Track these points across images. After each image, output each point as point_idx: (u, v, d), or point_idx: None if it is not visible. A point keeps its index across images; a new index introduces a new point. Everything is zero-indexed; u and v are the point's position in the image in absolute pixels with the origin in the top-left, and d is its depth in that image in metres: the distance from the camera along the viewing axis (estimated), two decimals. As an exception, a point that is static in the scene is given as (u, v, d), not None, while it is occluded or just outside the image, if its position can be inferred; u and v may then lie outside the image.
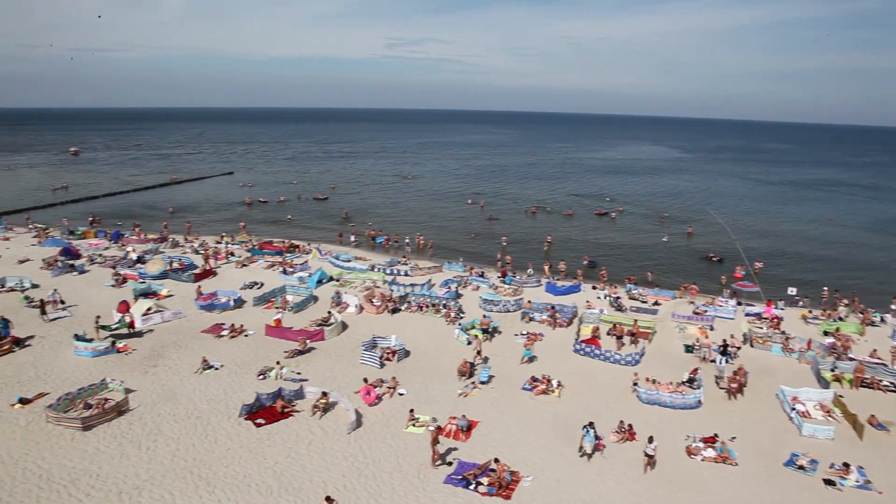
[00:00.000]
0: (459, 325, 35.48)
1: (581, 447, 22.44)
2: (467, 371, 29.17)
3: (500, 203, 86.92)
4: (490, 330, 34.75)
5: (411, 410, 24.99)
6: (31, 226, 64.05)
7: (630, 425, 24.05)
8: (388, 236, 60.68)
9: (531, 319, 37.38)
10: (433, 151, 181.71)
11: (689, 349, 33.08)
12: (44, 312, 35.88)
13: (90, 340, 31.34)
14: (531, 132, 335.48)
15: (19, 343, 31.63)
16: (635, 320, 35.81)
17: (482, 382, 28.46)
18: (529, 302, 39.31)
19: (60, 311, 36.72)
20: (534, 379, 28.65)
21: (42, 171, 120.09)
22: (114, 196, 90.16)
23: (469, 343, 32.99)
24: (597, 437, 22.60)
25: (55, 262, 47.22)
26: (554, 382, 28.18)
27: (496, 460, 21.15)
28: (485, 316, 36.38)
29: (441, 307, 38.74)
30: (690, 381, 28.50)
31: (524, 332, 35.07)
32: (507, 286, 44.23)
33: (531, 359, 31.15)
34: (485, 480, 20.68)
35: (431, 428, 24.01)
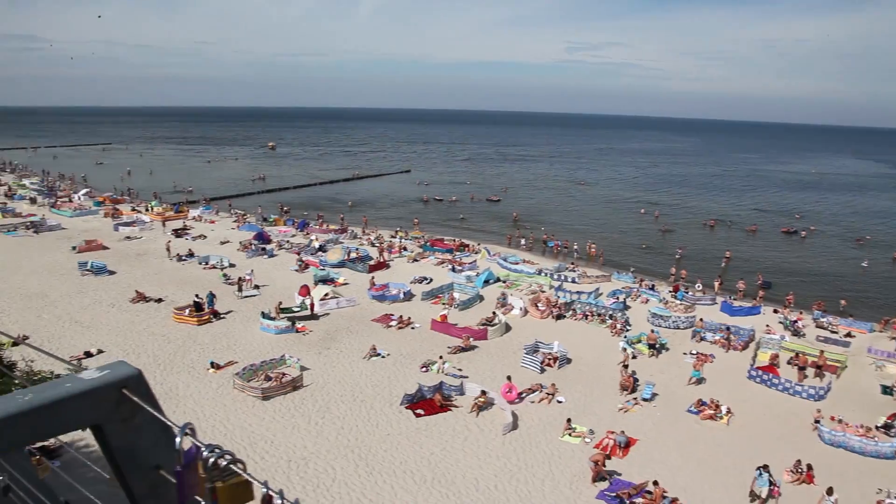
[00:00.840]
0: (625, 337, 34.35)
1: (752, 491, 20.73)
2: (630, 386, 28.19)
3: (676, 214, 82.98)
4: (657, 346, 33.32)
5: (568, 420, 24.61)
6: (232, 211, 71.12)
7: (809, 466, 21.92)
8: (559, 241, 60.12)
9: (702, 339, 35.31)
10: (610, 158, 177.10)
11: (887, 391, 29.50)
12: (240, 289, 39.70)
13: (274, 319, 34.16)
14: (716, 140, 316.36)
15: (217, 315, 35.29)
16: (822, 351, 32.56)
17: (644, 399, 27.35)
18: (701, 320, 37.17)
19: (252, 289, 40.36)
20: (701, 402, 27.03)
21: (244, 164, 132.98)
22: (302, 188, 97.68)
23: (634, 357, 31.86)
24: (771, 483, 20.77)
25: (249, 245, 52.01)
26: (723, 408, 26.41)
27: (655, 483, 20.22)
28: (653, 331, 34.93)
29: (607, 317, 37.76)
30: (887, 426, 25.42)
31: (694, 352, 33.20)
32: (678, 301, 42.13)
33: (699, 380, 29.42)
34: (639, 501, 19.87)
35: (588, 440, 23.58)
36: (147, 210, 67.57)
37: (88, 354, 29.20)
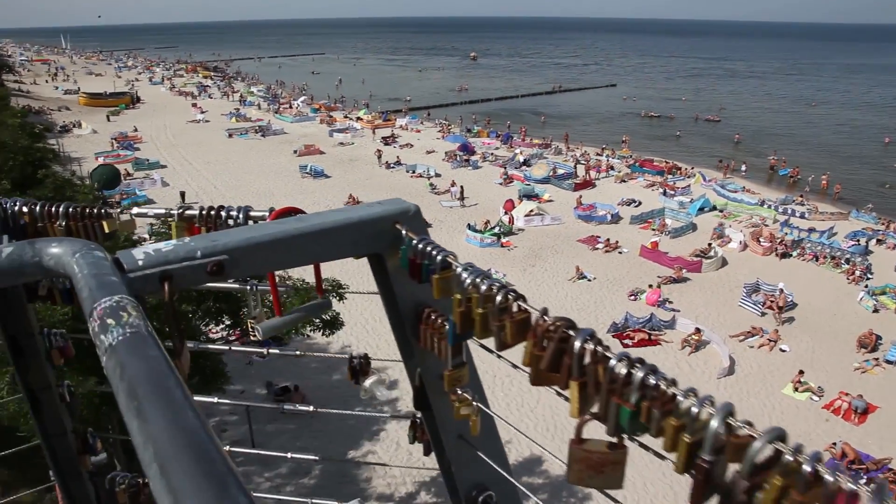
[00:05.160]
0: (866, 287, 30.01)
1: None
2: (871, 344, 24.58)
3: (935, 144, 70.16)
4: (906, 300, 28.73)
5: (801, 371, 22.03)
6: (437, 122, 71.91)
7: None
8: (793, 168, 53.77)
9: (971, 298, 29.89)
10: (861, 75, 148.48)
11: None
12: (461, 198, 40.31)
13: (480, 231, 34.12)
14: None
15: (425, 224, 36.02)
16: None
17: (888, 362, 23.69)
18: (970, 275, 31.43)
19: (458, 200, 40.60)
20: (968, 372, 22.93)
21: (446, 73, 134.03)
22: (504, 100, 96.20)
23: (876, 311, 27.74)
24: None
25: (454, 156, 52.27)
26: None
27: (903, 459, 17.45)
28: (902, 282, 30.17)
29: (843, 262, 33.18)
30: None
31: (957, 312, 28.22)
32: (937, 250, 35.95)
33: (967, 347, 24.96)
34: (880, 477, 17.31)
35: (815, 398, 21.14)
36: (358, 118, 70.42)
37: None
